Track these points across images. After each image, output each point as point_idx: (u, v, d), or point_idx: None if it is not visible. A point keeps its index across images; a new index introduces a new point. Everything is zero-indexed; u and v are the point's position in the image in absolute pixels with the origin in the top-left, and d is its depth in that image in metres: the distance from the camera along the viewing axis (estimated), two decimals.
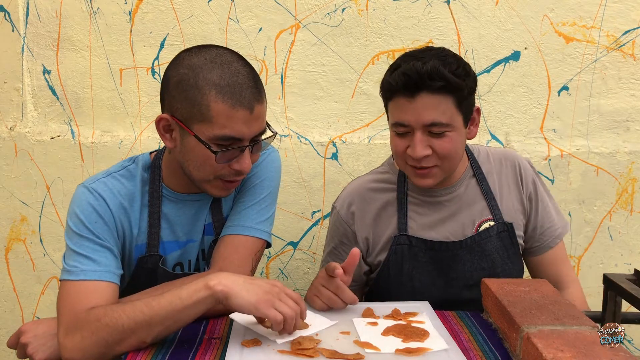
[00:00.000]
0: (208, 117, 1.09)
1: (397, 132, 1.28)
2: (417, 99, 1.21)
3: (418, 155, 1.23)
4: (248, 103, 1.09)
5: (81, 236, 1.14)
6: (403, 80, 1.21)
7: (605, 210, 1.95)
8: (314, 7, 1.88)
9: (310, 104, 1.94)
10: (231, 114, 1.08)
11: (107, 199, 1.18)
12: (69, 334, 1.05)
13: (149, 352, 1.03)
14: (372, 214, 1.41)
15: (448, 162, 1.28)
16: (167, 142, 1.17)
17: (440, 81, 1.19)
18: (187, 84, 1.10)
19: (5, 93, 1.99)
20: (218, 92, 1.08)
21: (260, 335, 1.04)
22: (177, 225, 1.27)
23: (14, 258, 2.06)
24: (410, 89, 1.21)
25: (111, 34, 1.93)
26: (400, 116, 1.25)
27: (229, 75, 1.10)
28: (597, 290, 1.90)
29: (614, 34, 1.88)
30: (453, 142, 1.25)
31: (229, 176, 1.16)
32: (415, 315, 1.15)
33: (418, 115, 1.22)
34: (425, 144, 1.24)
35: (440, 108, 1.21)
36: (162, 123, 1.15)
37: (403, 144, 1.27)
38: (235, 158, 1.14)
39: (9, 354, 2.09)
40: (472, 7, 1.87)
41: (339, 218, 1.43)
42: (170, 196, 1.25)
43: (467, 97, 1.26)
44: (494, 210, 1.38)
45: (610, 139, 1.93)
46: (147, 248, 1.23)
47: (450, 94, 1.21)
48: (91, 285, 1.10)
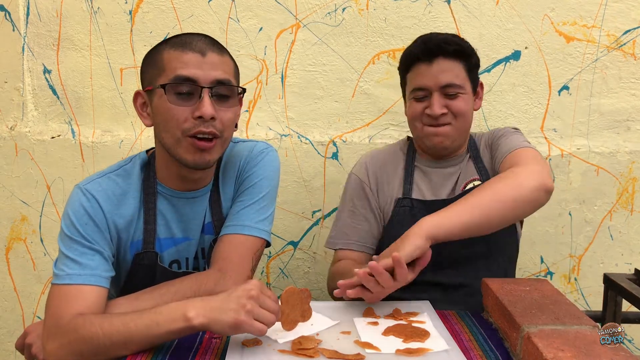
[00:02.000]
0: (162, 67, 1.15)
1: (416, 97, 1.44)
2: (434, 63, 1.40)
3: (437, 112, 1.39)
4: (198, 48, 1.14)
5: (71, 239, 1.14)
6: (422, 48, 1.41)
7: (605, 210, 1.95)
8: (314, 6, 1.88)
9: (311, 103, 1.94)
10: (180, 57, 1.13)
11: (100, 199, 1.17)
12: (49, 339, 1.06)
13: (150, 352, 1.03)
14: (385, 173, 1.54)
15: (461, 121, 1.43)
16: (144, 121, 1.22)
17: (454, 45, 1.40)
18: (150, 53, 1.20)
19: (6, 92, 1.99)
20: (171, 45, 1.16)
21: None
22: (172, 221, 1.26)
23: (15, 258, 2.06)
24: (428, 54, 1.40)
25: (112, 33, 1.93)
26: (420, 81, 1.42)
27: (184, 36, 1.18)
28: (597, 289, 1.90)
29: (615, 33, 1.87)
30: (465, 102, 1.42)
31: (194, 128, 1.13)
32: (416, 315, 1.15)
33: (436, 78, 1.40)
34: (442, 104, 1.40)
35: (454, 71, 1.40)
36: (139, 101, 1.22)
37: (421, 107, 1.43)
38: (195, 105, 1.13)
39: (9, 353, 2.10)
40: (472, 6, 1.87)
41: (356, 179, 1.54)
42: (165, 193, 1.25)
43: (475, 68, 1.46)
44: (481, 171, 1.49)
45: (611, 138, 1.93)
46: (143, 245, 1.23)
47: (462, 60, 1.41)
48: (74, 289, 1.10)
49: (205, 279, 1.17)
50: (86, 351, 1.02)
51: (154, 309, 1.02)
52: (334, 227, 1.57)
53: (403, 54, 1.49)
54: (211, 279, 1.17)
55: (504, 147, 1.42)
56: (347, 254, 1.51)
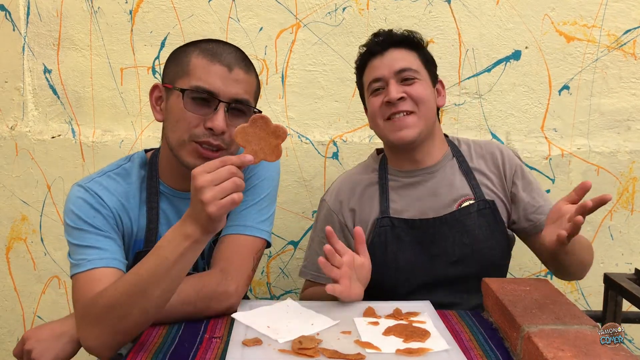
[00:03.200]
0: (187, 70, 1.15)
1: (373, 89, 1.41)
2: (386, 54, 1.39)
3: (393, 96, 1.35)
4: (227, 62, 1.15)
5: (81, 230, 1.14)
6: (374, 41, 1.42)
7: (605, 210, 1.94)
8: (314, 6, 1.88)
9: (311, 103, 1.94)
10: (208, 67, 1.14)
11: (104, 196, 1.18)
12: (81, 326, 1.06)
13: (150, 352, 1.03)
14: (357, 197, 1.47)
15: (423, 107, 1.37)
16: (156, 115, 1.23)
17: (402, 35, 1.41)
18: (178, 51, 1.21)
19: (6, 92, 1.99)
20: (201, 51, 1.17)
21: (261, 335, 1.04)
22: (173, 221, 1.27)
23: (15, 257, 2.06)
24: (380, 46, 1.40)
25: (112, 33, 1.93)
26: (374, 73, 1.40)
27: (215, 44, 1.18)
28: (597, 289, 1.90)
29: (615, 33, 1.87)
30: (424, 88, 1.38)
31: (202, 136, 1.14)
32: (416, 315, 1.15)
33: (389, 66, 1.38)
34: (399, 90, 1.36)
35: (407, 58, 1.39)
36: (155, 93, 1.23)
37: (379, 100, 1.39)
38: (209, 115, 1.14)
39: (9, 353, 2.09)
40: (472, 6, 1.87)
41: (328, 208, 1.49)
42: (167, 192, 1.26)
43: (430, 63, 1.44)
44: (475, 189, 1.42)
45: (611, 138, 1.93)
46: (145, 243, 1.24)
47: (414, 49, 1.41)
48: (99, 273, 1.09)
49: (208, 279, 1.17)
50: (114, 318, 1.00)
51: (155, 248, 1.00)
52: (306, 254, 1.54)
53: (356, 60, 1.48)
54: (213, 280, 1.17)
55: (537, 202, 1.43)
56: (316, 287, 1.46)
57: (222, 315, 1.18)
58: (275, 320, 1.11)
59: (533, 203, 1.43)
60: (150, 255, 1.00)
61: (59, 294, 2.06)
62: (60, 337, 1.12)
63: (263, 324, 1.09)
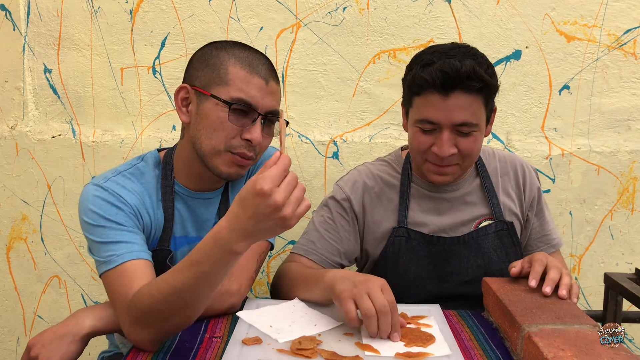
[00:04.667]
0: (226, 80, 1.15)
1: (423, 128, 1.26)
2: (451, 97, 1.20)
3: (445, 154, 1.24)
4: (264, 74, 1.16)
5: (104, 227, 1.13)
6: (441, 78, 1.19)
7: (606, 210, 1.94)
8: (315, 6, 1.88)
9: (311, 103, 1.94)
10: (248, 79, 1.15)
11: (123, 194, 1.17)
12: (125, 324, 1.05)
13: (150, 352, 1.03)
14: (374, 194, 1.41)
15: (469, 160, 1.30)
16: (182, 116, 1.21)
17: (477, 82, 1.19)
18: (209, 55, 1.18)
19: (7, 92, 1.99)
20: (237, 59, 1.16)
21: (262, 334, 1.04)
22: (187, 220, 1.27)
23: (15, 257, 2.06)
24: (446, 87, 1.20)
25: (112, 33, 1.93)
26: (431, 113, 1.23)
27: (248, 52, 1.18)
28: (598, 289, 1.90)
29: (615, 32, 1.87)
30: (477, 141, 1.27)
31: (238, 147, 1.16)
32: (423, 318, 1.14)
33: (450, 115, 1.21)
34: (452, 143, 1.24)
35: (472, 108, 1.22)
36: (182, 94, 1.20)
37: (428, 141, 1.27)
38: (247, 127, 1.15)
39: (10, 352, 2.10)
40: (473, 5, 1.87)
41: (340, 192, 1.41)
42: (181, 192, 1.26)
43: (491, 100, 1.28)
44: (495, 208, 1.39)
45: (612, 138, 1.93)
46: (159, 242, 1.24)
47: (482, 94, 1.22)
48: (131, 266, 1.08)
49: None
50: (155, 321, 0.99)
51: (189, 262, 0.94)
52: (304, 231, 1.44)
53: (414, 74, 1.25)
54: None
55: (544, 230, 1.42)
56: (303, 261, 1.37)
57: (223, 314, 1.18)
58: (279, 320, 1.11)
59: (539, 230, 1.44)
60: (185, 269, 0.95)
61: (59, 294, 2.06)
62: (64, 338, 1.12)
63: (266, 323, 1.09)
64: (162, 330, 1.02)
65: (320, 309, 1.17)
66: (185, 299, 0.97)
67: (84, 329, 1.12)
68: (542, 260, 1.15)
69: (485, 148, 1.48)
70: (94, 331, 1.13)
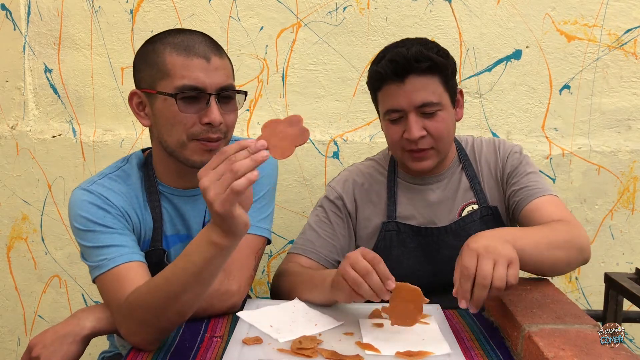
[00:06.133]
0: (166, 71, 1.12)
1: (390, 119, 1.32)
2: (407, 82, 1.27)
3: (415, 135, 1.28)
4: (203, 53, 1.13)
5: (94, 231, 1.13)
6: (391, 67, 1.27)
7: (606, 209, 1.94)
8: (315, 5, 1.88)
9: (312, 102, 1.94)
10: (186, 63, 1.12)
11: (110, 197, 1.17)
12: (121, 324, 1.06)
13: (150, 351, 1.03)
14: (363, 192, 1.45)
15: (442, 142, 1.32)
16: (142, 121, 1.20)
17: (426, 62, 1.26)
18: (146, 52, 1.16)
19: (7, 92, 2.00)
20: (172, 47, 1.13)
21: (263, 334, 1.04)
22: (175, 218, 1.27)
23: (16, 256, 2.06)
24: (398, 73, 1.26)
25: (112, 32, 1.93)
26: (392, 102, 1.30)
27: (182, 36, 1.15)
28: (598, 289, 1.90)
29: (616, 32, 1.87)
30: (445, 121, 1.31)
31: (201, 133, 1.14)
32: (424, 317, 1.14)
33: (409, 98, 1.27)
34: (420, 126, 1.29)
35: (429, 88, 1.27)
36: (135, 100, 1.19)
37: (398, 130, 1.32)
38: (203, 110, 1.13)
39: (10, 352, 2.10)
40: (473, 5, 1.87)
41: (333, 191, 1.46)
42: (166, 192, 1.26)
43: (452, 77, 1.33)
44: (478, 194, 1.41)
45: (612, 137, 1.93)
46: (151, 243, 1.24)
47: (436, 73, 1.28)
48: (123, 268, 1.09)
49: None
50: (149, 319, 1.00)
51: (183, 254, 0.98)
52: (301, 233, 1.47)
53: (370, 71, 1.35)
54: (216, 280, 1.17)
55: (533, 186, 1.35)
56: (302, 260, 1.39)
57: (224, 314, 1.18)
58: (279, 319, 1.11)
59: (524, 183, 1.38)
60: (179, 260, 0.98)
61: (59, 293, 2.07)
62: (65, 338, 1.12)
63: (267, 323, 1.09)
64: (156, 327, 1.02)
65: (320, 309, 1.17)
66: (175, 291, 0.97)
67: (85, 329, 1.13)
68: (466, 264, 1.02)
69: (469, 138, 1.50)
70: (95, 331, 1.14)
